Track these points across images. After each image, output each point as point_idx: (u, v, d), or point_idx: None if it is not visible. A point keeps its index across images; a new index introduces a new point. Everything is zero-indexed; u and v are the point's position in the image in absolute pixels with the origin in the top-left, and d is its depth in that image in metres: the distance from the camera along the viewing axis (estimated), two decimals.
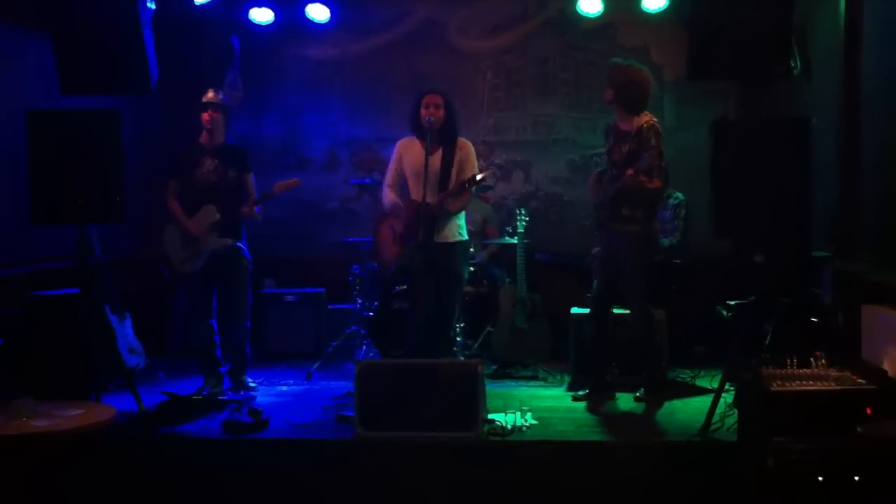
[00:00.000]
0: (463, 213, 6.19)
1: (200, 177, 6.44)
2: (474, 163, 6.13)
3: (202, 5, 7.94)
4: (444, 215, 6.02)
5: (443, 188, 6.02)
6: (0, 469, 4.47)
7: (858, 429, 4.30)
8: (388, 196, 6.21)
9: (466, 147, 6.14)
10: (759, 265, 6.34)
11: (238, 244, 6.50)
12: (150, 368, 6.92)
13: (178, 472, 5.18)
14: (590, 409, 6.08)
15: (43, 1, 5.95)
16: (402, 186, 6.22)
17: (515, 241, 7.30)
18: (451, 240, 6.10)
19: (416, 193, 6.05)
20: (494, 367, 7.14)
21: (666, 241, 7.07)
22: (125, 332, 6.70)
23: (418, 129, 6.11)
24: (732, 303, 6.56)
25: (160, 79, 5.88)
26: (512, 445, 5.35)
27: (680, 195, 7.34)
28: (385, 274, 6.55)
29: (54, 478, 4.55)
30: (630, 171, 5.81)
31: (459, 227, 6.17)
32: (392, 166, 6.24)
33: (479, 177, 5.91)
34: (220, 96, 6.54)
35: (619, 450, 5.34)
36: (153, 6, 6.58)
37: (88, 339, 5.90)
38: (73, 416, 4.82)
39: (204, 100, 6.48)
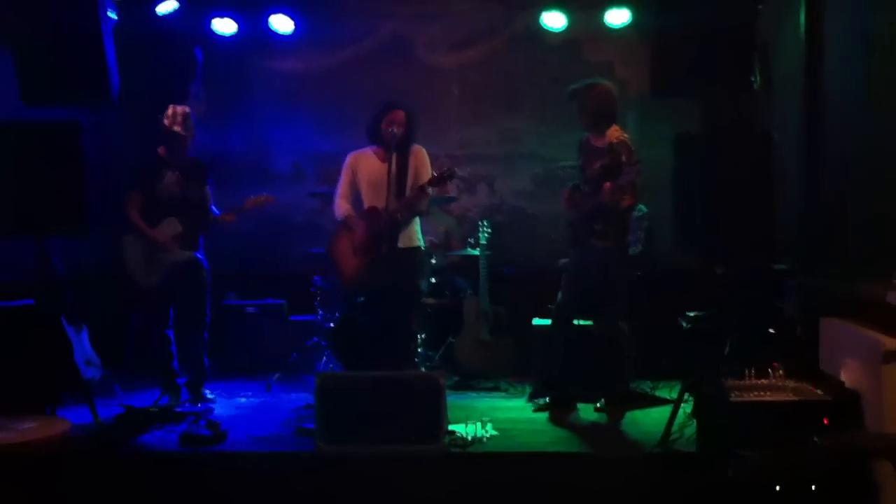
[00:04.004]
0: (419, 220, 6.22)
1: (163, 189, 6.40)
2: (429, 167, 6.15)
3: (164, 15, 7.87)
4: (405, 221, 6.01)
5: (399, 194, 6.00)
6: None
7: (815, 439, 4.31)
8: (343, 207, 6.20)
9: (421, 153, 6.17)
10: (720, 277, 6.36)
11: (197, 255, 6.45)
12: (107, 381, 6.84)
13: (134, 485, 5.10)
14: (551, 419, 6.08)
15: (2, 11, 5.90)
16: (354, 198, 6.21)
17: (478, 253, 7.29)
18: (411, 245, 6.13)
19: (374, 203, 6.04)
20: (456, 378, 7.12)
21: (630, 251, 7.08)
22: (82, 344, 6.63)
23: (377, 140, 6.11)
24: (692, 314, 6.58)
25: (123, 90, 5.84)
26: (473, 457, 5.32)
27: (643, 207, 7.35)
28: (347, 288, 6.48)
29: (7, 492, 4.48)
30: (608, 186, 5.79)
31: (417, 234, 6.21)
32: (345, 179, 6.25)
33: (446, 174, 5.95)
34: (187, 110, 6.48)
35: (579, 461, 5.32)
36: (114, 16, 6.55)
37: (44, 351, 5.83)
38: (27, 429, 4.76)
39: (166, 114, 6.41)
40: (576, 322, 6.37)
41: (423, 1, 8.45)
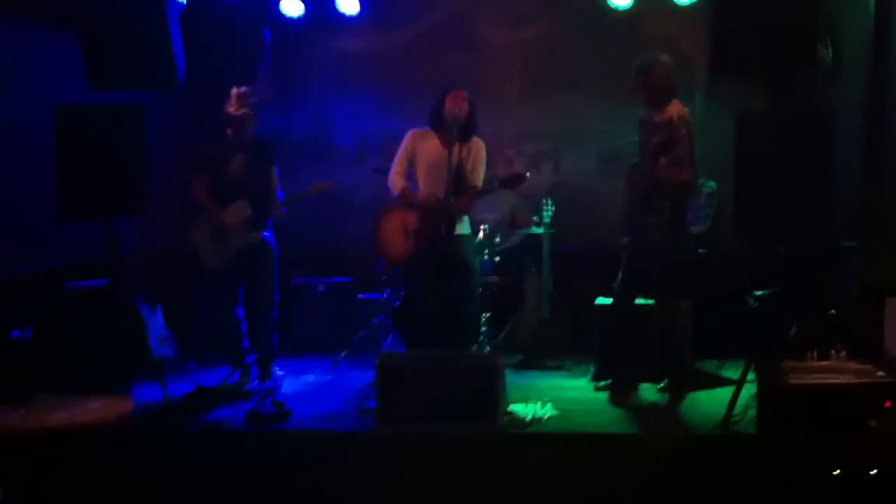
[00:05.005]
0: None
1: (230, 172, 6.49)
2: (484, 163, 6.23)
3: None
4: (463, 213, 6.08)
5: (455, 184, 6.04)
6: (20, 463, 4.56)
7: (873, 423, 4.27)
8: (398, 183, 6.27)
9: (481, 148, 6.23)
10: (782, 256, 6.28)
11: (265, 235, 6.56)
12: (181, 359, 6.99)
13: (198, 463, 5.24)
14: (612, 399, 6.09)
15: None
16: (409, 176, 6.29)
17: (542, 231, 7.30)
18: (462, 232, 6.21)
19: (430, 186, 6.11)
20: (520, 357, 7.15)
21: (695, 229, 7.01)
22: (156, 322, 6.78)
23: (439, 123, 6.15)
24: (759, 293, 6.51)
25: (191, 74, 5.95)
26: (531, 437, 5.37)
27: (713, 184, 7.27)
28: (391, 267, 6.55)
29: (74, 470, 4.64)
30: (663, 163, 5.77)
31: (466, 222, 6.29)
32: (403, 154, 6.31)
33: (516, 178, 6.08)
34: (249, 91, 6.58)
35: (639, 441, 5.34)
36: (182, 1, 6.67)
37: (117, 330, 6.00)
38: (92, 409, 4.90)
39: (231, 95, 6.51)
40: (637, 301, 6.34)
41: None
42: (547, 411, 5.66)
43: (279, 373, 6.73)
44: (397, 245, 6.22)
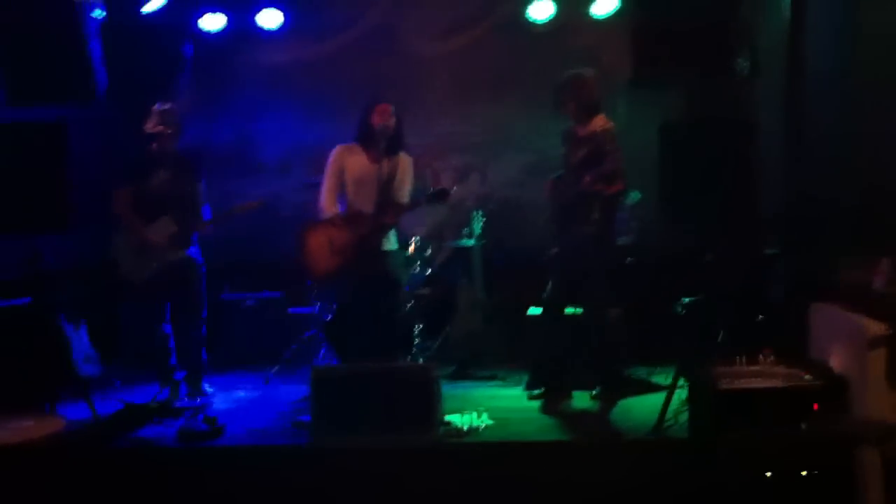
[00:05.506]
0: None
1: (154, 188, 6.40)
2: (412, 177, 6.27)
3: (152, 13, 7.87)
4: (389, 228, 6.12)
5: (383, 199, 6.04)
6: None
7: (803, 425, 4.39)
8: (330, 204, 6.24)
9: (408, 161, 6.26)
10: (710, 263, 6.41)
11: (191, 251, 6.47)
12: (106, 376, 6.85)
13: (132, 481, 5.15)
14: (546, 408, 6.13)
15: None
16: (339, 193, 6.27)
17: (472, 243, 7.33)
18: (388, 248, 6.27)
19: (359, 202, 6.12)
20: (453, 367, 7.16)
21: (621, 240, 7.12)
22: (81, 340, 6.66)
23: (367, 138, 6.14)
24: (686, 300, 6.63)
25: (112, 87, 5.85)
26: (468, 447, 5.37)
27: (637, 194, 7.38)
28: (318, 283, 6.53)
29: (5, 490, 4.53)
30: (588, 178, 5.86)
31: (392, 237, 6.35)
32: (332, 172, 6.26)
33: (441, 194, 6.14)
34: (172, 108, 6.49)
35: (575, 449, 5.39)
36: (101, 14, 6.56)
37: (42, 348, 5.87)
38: (24, 427, 4.80)
39: (154, 111, 6.41)
40: (567, 310, 6.41)
41: None
42: (483, 421, 5.68)
43: (209, 389, 6.65)
44: (323, 261, 6.18)
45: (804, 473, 4.55)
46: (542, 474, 5.09)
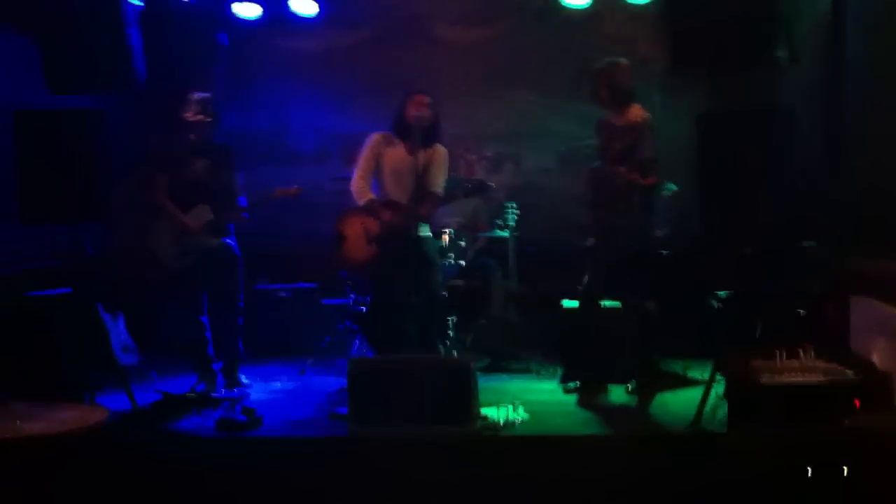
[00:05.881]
0: None
1: (191, 176, 6.43)
2: (447, 169, 6.25)
3: (188, 2, 7.90)
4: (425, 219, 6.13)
5: (418, 191, 6.05)
6: None
7: (846, 421, 4.35)
8: (362, 190, 6.20)
9: (444, 153, 6.23)
10: (748, 257, 6.36)
11: (227, 241, 6.50)
12: (144, 366, 6.90)
13: (172, 471, 5.18)
14: (581, 401, 6.13)
15: (27, 1, 5.96)
16: (373, 181, 6.27)
17: (506, 234, 7.31)
18: (423, 233, 6.25)
19: (394, 192, 6.12)
20: (487, 360, 7.16)
21: (658, 233, 7.08)
22: (118, 330, 6.70)
23: (403, 130, 6.13)
24: (723, 294, 6.59)
25: (150, 76, 5.88)
26: (505, 440, 5.38)
27: (673, 186, 7.33)
28: (353, 272, 6.54)
29: (48, 481, 4.57)
30: (623, 169, 5.83)
31: (426, 226, 6.34)
32: (366, 160, 6.24)
33: (478, 186, 6.10)
34: (209, 97, 6.51)
35: (610, 443, 5.37)
36: (140, 3, 6.59)
37: (81, 338, 5.92)
38: (67, 418, 4.85)
39: (191, 100, 6.44)
40: (603, 303, 6.39)
41: None
42: (519, 414, 5.68)
43: (245, 380, 6.68)
44: (358, 250, 6.19)
45: (846, 470, 4.50)
46: (579, 469, 5.07)
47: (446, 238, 7.27)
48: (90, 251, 6.37)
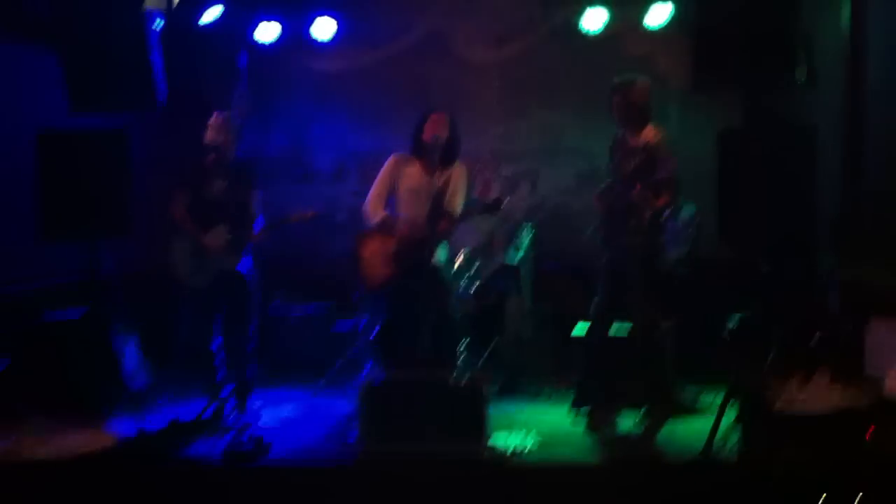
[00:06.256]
0: None
1: (210, 196, 6.41)
2: (465, 189, 6.23)
3: (208, 24, 7.93)
4: (444, 239, 6.11)
5: (435, 210, 6.00)
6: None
7: (860, 448, 4.27)
8: (378, 211, 6.19)
9: (463, 172, 6.21)
10: (765, 275, 6.28)
11: (243, 265, 6.47)
12: (157, 388, 6.88)
13: (179, 499, 5.16)
14: (591, 426, 6.04)
15: (51, 19, 6.03)
16: (389, 202, 6.25)
17: (521, 255, 7.26)
18: (439, 258, 6.25)
19: (411, 212, 6.10)
20: (500, 382, 7.08)
21: (675, 253, 6.99)
22: (132, 353, 6.70)
23: (420, 149, 6.10)
24: (738, 315, 6.49)
25: (170, 95, 5.92)
26: (514, 468, 5.34)
27: (692, 207, 7.24)
28: (369, 292, 6.54)
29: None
30: (637, 188, 5.76)
31: (442, 246, 6.33)
32: (384, 180, 6.23)
33: (495, 203, 6.11)
34: (229, 117, 6.51)
35: (619, 471, 5.31)
36: (161, 24, 6.64)
37: (95, 361, 5.93)
38: (74, 444, 4.85)
39: (211, 121, 6.44)
40: (615, 324, 6.29)
41: None
42: (528, 442, 5.62)
43: (256, 404, 6.61)
44: (378, 271, 6.17)
45: (860, 496, 4.42)
46: (587, 497, 5.02)
47: (461, 259, 7.21)
48: (107, 269, 6.39)
